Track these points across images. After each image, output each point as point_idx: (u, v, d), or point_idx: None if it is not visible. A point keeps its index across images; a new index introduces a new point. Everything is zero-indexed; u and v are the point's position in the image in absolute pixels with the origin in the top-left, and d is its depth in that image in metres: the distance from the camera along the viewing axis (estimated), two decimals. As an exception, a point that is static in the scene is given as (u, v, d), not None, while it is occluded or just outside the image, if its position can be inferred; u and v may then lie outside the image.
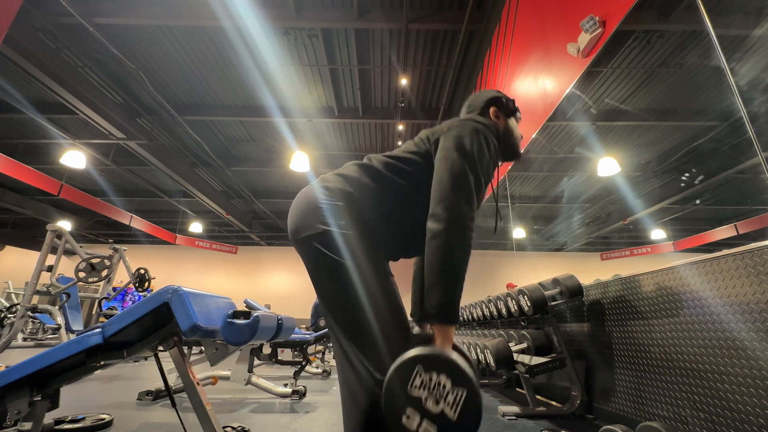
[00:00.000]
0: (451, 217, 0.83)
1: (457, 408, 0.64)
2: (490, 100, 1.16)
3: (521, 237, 11.60)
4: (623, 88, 5.21)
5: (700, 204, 8.77)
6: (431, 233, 0.84)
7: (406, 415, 0.66)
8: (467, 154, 0.90)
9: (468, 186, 0.87)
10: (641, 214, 8.88)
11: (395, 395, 0.67)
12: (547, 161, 7.29)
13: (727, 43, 4.20)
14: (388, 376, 0.69)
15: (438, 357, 0.68)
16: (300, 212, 0.95)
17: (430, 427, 0.64)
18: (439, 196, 0.86)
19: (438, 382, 0.66)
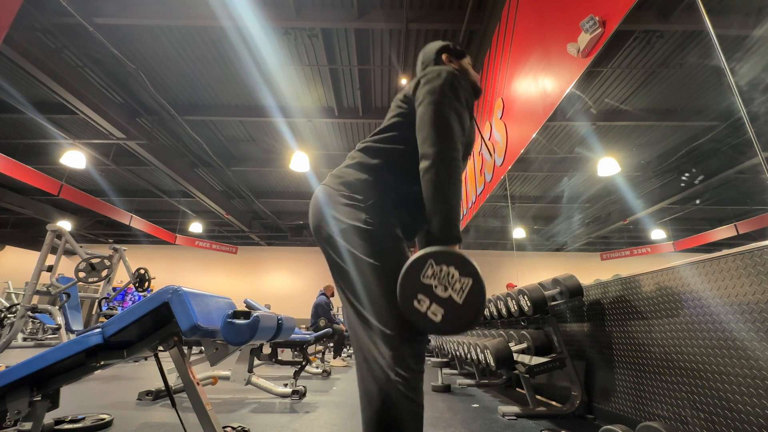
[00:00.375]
0: (437, 151, 0.89)
1: (462, 294, 0.72)
2: (439, 50, 1.26)
3: (521, 237, 11.60)
4: (623, 88, 5.21)
5: (700, 204, 8.77)
6: (422, 171, 0.90)
7: (417, 299, 0.74)
8: (441, 92, 0.96)
9: (446, 120, 0.93)
10: (641, 214, 8.89)
11: (409, 283, 0.75)
12: (547, 161, 7.29)
13: (727, 43, 4.20)
14: (404, 269, 0.77)
15: (448, 252, 0.75)
16: (315, 211, 1.00)
17: (437, 309, 0.72)
18: (423, 138, 0.93)
19: (447, 272, 0.73)
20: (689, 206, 8.94)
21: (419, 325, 0.74)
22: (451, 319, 0.72)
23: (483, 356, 2.35)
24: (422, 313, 0.73)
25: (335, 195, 0.98)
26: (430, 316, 0.73)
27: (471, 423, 2.06)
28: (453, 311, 0.72)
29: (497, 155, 3.58)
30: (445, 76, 0.99)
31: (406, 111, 1.05)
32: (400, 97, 1.09)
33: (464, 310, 0.72)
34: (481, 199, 4.26)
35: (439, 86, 0.97)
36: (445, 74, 1.00)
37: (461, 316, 0.72)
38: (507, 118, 3.34)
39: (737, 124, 5.64)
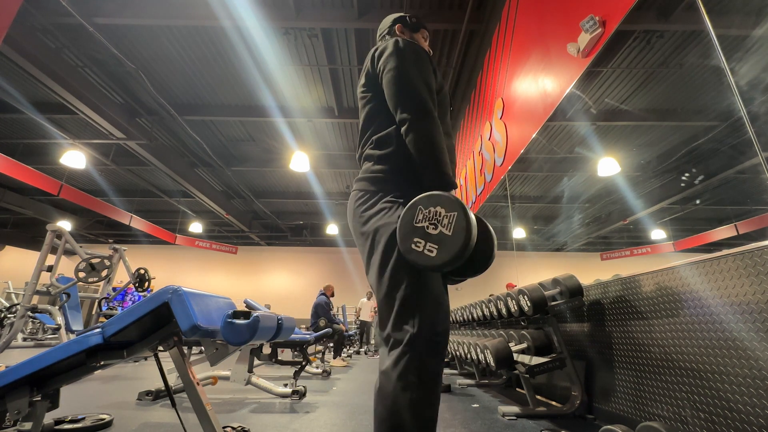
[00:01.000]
0: (409, 112, 0.94)
1: (451, 226, 0.79)
2: (395, 20, 1.32)
3: (521, 237, 11.60)
4: (623, 88, 5.21)
5: (700, 204, 8.77)
6: (404, 134, 0.95)
7: (414, 243, 0.81)
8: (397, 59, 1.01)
9: (409, 81, 0.98)
10: (641, 214, 8.89)
11: (405, 230, 0.83)
12: (547, 161, 7.29)
13: (727, 43, 4.20)
14: (399, 220, 0.86)
15: (432, 194, 0.83)
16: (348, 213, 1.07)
17: (432, 246, 0.80)
18: (395, 106, 0.99)
19: (435, 212, 0.81)
20: (689, 206, 8.94)
21: (420, 263, 0.81)
22: (445, 251, 0.78)
23: (483, 356, 2.35)
24: (420, 252, 0.80)
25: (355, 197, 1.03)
26: (426, 253, 0.80)
27: (471, 423, 2.06)
28: (445, 243, 0.78)
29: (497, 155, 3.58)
30: (392, 44, 1.04)
31: (373, 94, 1.08)
32: (362, 82, 1.12)
33: (455, 239, 0.78)
34: (481, 199, 4.26)
35: (394, 53, 1.02)
36: (391, 43, 1.05)
37: (453, 245, 0.78)
38: (507, 118, 3.34)
39: (737, 124, 5.64)
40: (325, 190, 9.17)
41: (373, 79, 1.08)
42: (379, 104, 1.06)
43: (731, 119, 5.60)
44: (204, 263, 13.35)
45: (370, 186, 1.00)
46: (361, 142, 1.10)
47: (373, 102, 1.08)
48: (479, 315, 3.43)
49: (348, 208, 1.06)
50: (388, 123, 1.04)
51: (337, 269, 13.21)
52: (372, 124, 1.07)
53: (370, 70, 1.09)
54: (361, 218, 0.99)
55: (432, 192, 0.84)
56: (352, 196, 1.05)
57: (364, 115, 1.10)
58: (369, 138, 1.07)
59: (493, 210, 10.28)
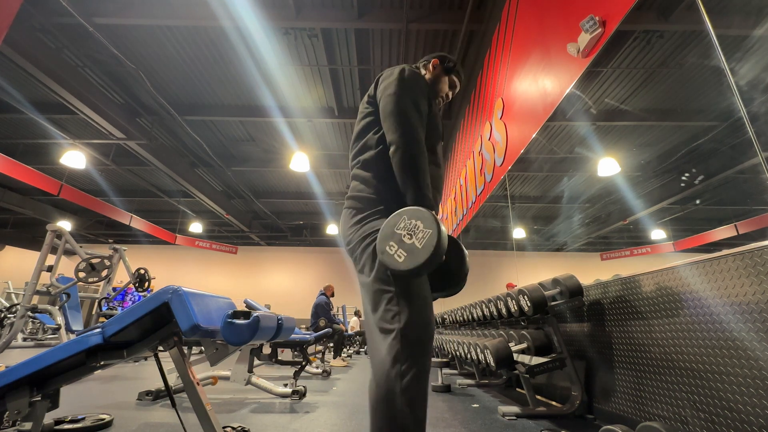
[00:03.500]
0: (399, 135, 1.02)
1: (423, 241, 0.87)
2: (437, 55, 1.35)
3: (521, 237, 11.60)
4: (623, 88, 5.21)
5: (700, 204, 8.77)
6: (391, 155, 1.03)
7: (389, 245, 0.90)
8: (396, 86, 1.08)
9: (405, 107, 1.05)
10: (641, 214, 8.89)
11: (386, 232, 0.92)
12: (547, 161, 7.29)
13: (727, 43, 4.20)
14: (385, 222, 0.94)
15: (418, 210, 0.91)
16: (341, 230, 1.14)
17: (402, 252, 0.88)
18: (387, 127, 1.06)
19: (415, 225, 0.89)
20: (689, 206, 8.94)
21: (388, 263, 0.89)
22: (410, 260, 0.87)
23: (483, 356, 2.35)
24: (391, 255, 0.89)
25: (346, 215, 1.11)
26: (396, 257, 0.88)
27: (471, 423, 2.06)
28: (413, 254, 0.87)
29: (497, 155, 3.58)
30: (398, 71, 1.12)
31: (371, 111, 1.15)
32: (365, 100, 1.20)
33: (421, 253, 0.86)
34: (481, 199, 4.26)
35: (394, 81, 1.09)
36: (398, 70, 1.12)
37: (419, 257, 0.86)
38: (507, 118, 3.34)
39: (737, 124, 5.64)
40: (325, 190, 9.18)
41: (373, 98, 1.16)
42: (372, 122, 1.14)
43: (731, 119, 5.60)
44: (204, 263, 13.35)
45: (358, 204, 1.08)
46: (352, 154, 1.18)
47: (369, 118, 1.15)
48: (479, 315, 3.43)
49: (341, 224, 1.15)
50: (376, 140, 1.11)
51: (337, 269, 13.21)
52: (362, 138, 1.15)
53: (373, 90, 1.17)
54: (350, 231, 1.07)
55: (419, 207, 0.92)
56: (344, 213, 1.13)
57: (357, 128, 1.18)
58: (357, 154, 1.15)
59: (493, 210, 10.28)
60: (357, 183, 1.12)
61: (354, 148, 1.18)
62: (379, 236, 0.92)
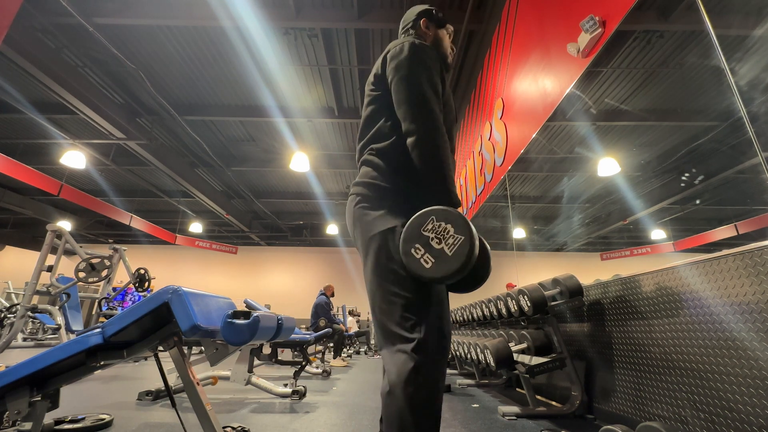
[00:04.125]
0: (419, 125, 0.92)
1: (453, 248, 0.81)
2: (420, 13, 1.24)
3: (521, 237, 11.60)
4: (623, 88, 5.21)
5: (700, 204, 8.77)
6: (410, 147, 0.93)
7: (415, 248, 0.84)
8: (409, 67, 0.98)
9: (421, 92, 0.95)
10: (641, 214, 8.89)
11: (411, 233, 0.85)
12: (547, 161, 7.29)
13: (727, 43, 4.20)
14: (409, 222, 0.86)
15: (448, 211, 0.84)
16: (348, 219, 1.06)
17: (429, 258, 0.82)
18: (403, 115, 0.96)
19: (444, 228, 0.82)
20: (689, 206, 8.93)
21: (412, 268, 0.83)
22: (438, 268, 0.81)
23: (483, 356, 2.35)
24: (417, 259, 0.83)
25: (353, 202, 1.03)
26: (422, 262, 0.82)
27: (471, 423, 2.06)
28: (441, 261, 0.81)
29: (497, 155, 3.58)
30: (408, 47, 1.01)
31: (380, 94, 1.06)
32: (370, 80, 1.10)
33: (451, 262, 0.80)
34: (481, 199, 4.26)
35: (405, 59, 0.99)
36: (407, 46, 1.01)
37: (448, 266, 0.80)
38: (507, 118, 3.34)
39: (737, 124, 5.64)
40: (325, 190, 9.18)
41: (381, 79, 1.06)
42: (383, 107, 1.04)
43: (731, 119, 5.60)
44: (204, 263, 13.35)
45: (368, 191, 1.00)
46: (362, 143, 1.09)
47: (378, 103, 1.06)
48: (479, 315, 3.43)
49: (347, 211, 1.06)
50: (389, 128, 1.03)
51: (337, 269, 13.21)
52: (373, 124, 1.06)
53: (380, 70, 1.07)
54: (361, 221, 0.99)
55: (449, 208, 0.84)
56: (351, 200, 1.04)
57: (366, 114, 1.08)
58: (369, 142, 1.06)
59: (493, 210, 10.27)
60: (369, 169, 1.03)
61: (364, 136, 1.08)
62: (403, 235, 0.85)
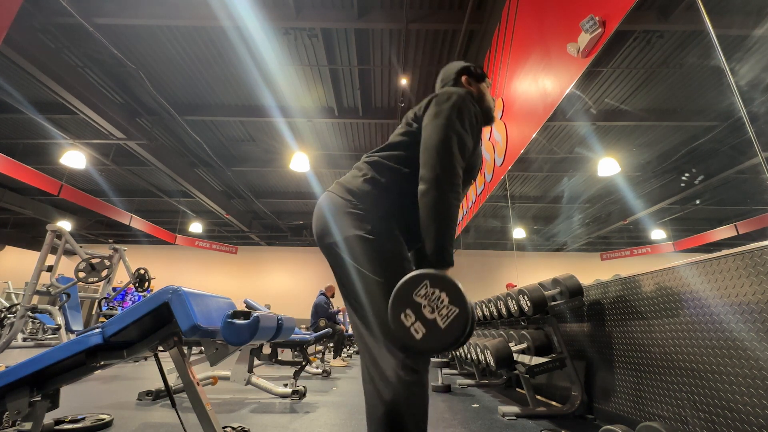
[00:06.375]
0: (436, 175, 0.90)
1: (447, 320, 0.75)
2: (459, 71, 1.24)
3: (521, 237, 11.60)
4: (623, 88, 5.21)
5: (700, 204, 8.77)
6: (420, 194, 0.91)
7: (405, 313, 0.77)
8: (447, 117, 0.96)
9: (450, 146, 0.93)
10: (641, 214, 8.89)
11: (401, 297, 0.79)
12: (547, 161, 7.29)
13: (727, 43, 4.20)
14: (400, 282, 0.80)
15: (444, 278, 0.78)
16: (321, 219, 1.01)
17: (420, 327, 0.76)
18: (424, 161, 0.93)
19: (438, 296, 0.77)
20: (689, 206, 8.94)
21: (400, 337, 0.77)
22: (429, 340, 0.75)
23: (483, 356, 2.35)
24: (406, 327, 0.77)
25: (340, 203, 0.98)
26: (412, 331, 0.76)
27: (471, 423, 2.06)
28: (433, 333, 0.75)
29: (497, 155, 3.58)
30: (455, 99, 0.99)
31: (414, 130, 1.05)
32: (410, 115, 1.09)
33: (443, 336, 0.75)
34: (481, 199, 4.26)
35: (447, 109, 0.97)
36: (455, 98, 0.99)
37: (439, 340, 0.75)
38: (507, 118, 3.34)
39: (737, 124, 5.64)
40: (325, 190, 9.17)
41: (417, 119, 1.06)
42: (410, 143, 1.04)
43: (731, 119, 5.60)
44: (204, 263, 13.35)
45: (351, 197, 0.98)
46: (376, 153, 1.08)
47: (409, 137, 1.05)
48: (479, 315, 3.43)
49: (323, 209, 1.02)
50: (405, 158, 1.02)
51: (337, 269, 13.18)
52: (393, 148, 1.05)
53: (422, 110, 1.05)
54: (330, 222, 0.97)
55: (445, 274, 0.79)
56: (330, 197, 1.01)
57: (393, 137, 1.08)
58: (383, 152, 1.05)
59: (493, 210, 10.28)
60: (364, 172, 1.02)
61: (382, 149, 1.08)
62: (393, 297, 0.79)
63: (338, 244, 0.95)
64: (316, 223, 1.02)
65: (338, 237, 0.95)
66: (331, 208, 0.99)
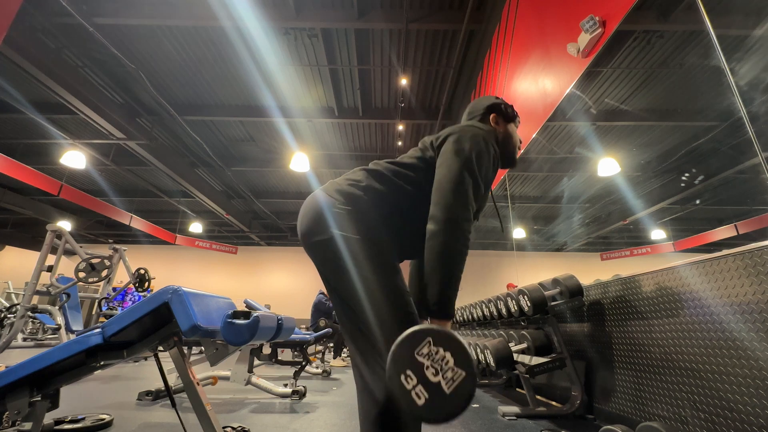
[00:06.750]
0: (448, 219, 0.87)
1: (452, 384, 0.68)
2: (489, 107, 1.20)
3: (521, 237, 11.60)
4: (623, 88, 5.21)
5: (700, 204, 8.77)
6: (429, 234, 0.88)
7: (406, 375, 0.70)
8: (466, 159, 0.94)
9: (465, 189, 0.91)
10: (641, 214, 8.89)
11: (402, 355, 0.72)
12: (547, 161, 7.29)
13: (727, 43, 4.20)
14: (400, 338, 0.73)
15: (449, 336, 0.71)
16: (310, 216, 0.97)
17: (422, 392, 0.69)
18: (437, 199, 0.91)
19: (443, 357, 0.70)
20: (689, 206, 8.93)
21: (400, 400, 0.71)
22: (433, 407, 0.68)
23: (483, 356, 2.35)
24: (407, 390, 0.70)
25: (332, 203, 0.95)
26: (413, 396, 0.69)
27: (471, 423, 2.06)
28: (437, 399, 0.68)
29: (497, 155, 3.57)
30: (476, 142, 0.97)
31: (427, 157, 1.02)
32: (427, 141, 1.06)
33: (449, 402, 0.68)
34: (481, 199, 4.26)
35: (468, 150, 0.95)
36: (477, 141, 0.97)
37: (444, 407, 0.68)
38: (507, 118, 3.34)
39: (737, 124, 5.64)
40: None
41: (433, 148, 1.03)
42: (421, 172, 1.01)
43: (731, 119, 5.60)
44: (204, 263, 13.34)
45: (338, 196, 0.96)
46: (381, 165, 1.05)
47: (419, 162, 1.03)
48: (479, 315, 3.43)
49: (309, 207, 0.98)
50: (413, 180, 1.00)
51: (337, 269, 13.18)
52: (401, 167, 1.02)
53: (436, 141, 1.03)
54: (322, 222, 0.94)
55: (450, 332, 0.72)
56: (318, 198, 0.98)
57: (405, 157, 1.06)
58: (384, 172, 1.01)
59: (493, 210, 10.27)
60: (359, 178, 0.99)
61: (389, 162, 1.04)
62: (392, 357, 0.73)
63: (323, 243, 0.92)
64: (301, 221, 0.99)
65: (323, 236, 0.92)
66: (317, 207, 0.96)
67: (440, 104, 5.58)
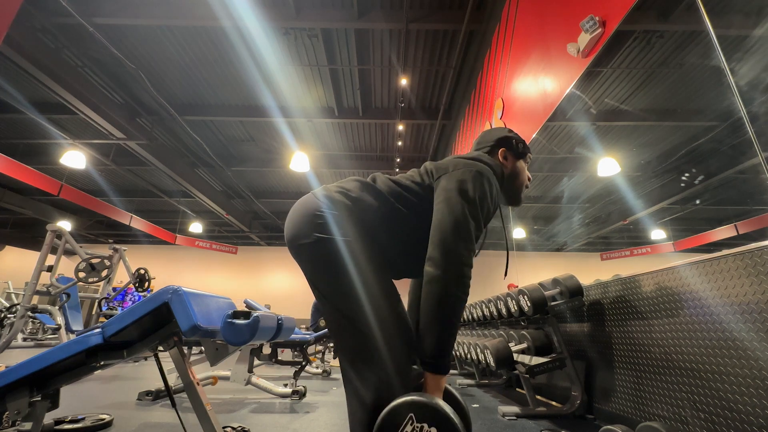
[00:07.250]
0: (450, 264, 0.84)
1: None
2: (500, 140, 1.17)
3: (521, 237, 11.60)
4: (623, 88, 5.21)
5: (700, 204, 8.77)
6: (429, 277, 0.85)
7: None
8: (469, 200, 0.90)
9: (468, 233, 0.87)
10: (641, 214, 8.89)
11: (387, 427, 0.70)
12: (547, 161, 7.29)
13: (727, 43, 4.20)
14: (381, 417, 0.71)
15: (435, 410, 0.68)
16: (297, 219, 0.95)
17: None
18: (439, 240, 0.87)
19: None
20: (689, 206, 8.94)
21: None
22: None
23: (483, 356, 2.35)
24: None
25: (317, 206, 0.93)
26: None
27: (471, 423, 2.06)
28: None
29: (497, 155, 3.57)
30: (480, 183, 0.93)
31: (426, 185, 0.99)
32: (431, 167, 1.02)
33: None
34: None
35: (472, 191, 0.91)
36: (481, 181, 0.94)
37: None
38: (507, 118, 3.34)
39: (737, 124, 5.64)
40: (324, 190, 9.17)
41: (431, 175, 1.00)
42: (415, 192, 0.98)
43: (731, 119, 5.60)
44: (204, 263, 13.34)
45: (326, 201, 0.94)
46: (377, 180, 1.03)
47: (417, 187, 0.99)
48: (479, 315, 3.43)
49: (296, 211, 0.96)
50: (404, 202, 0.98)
51: (337, 269, 13.18)
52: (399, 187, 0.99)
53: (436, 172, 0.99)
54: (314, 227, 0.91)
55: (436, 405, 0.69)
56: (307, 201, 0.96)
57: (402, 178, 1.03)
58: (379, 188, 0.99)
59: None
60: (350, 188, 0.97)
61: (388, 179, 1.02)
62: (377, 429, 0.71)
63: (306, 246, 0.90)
64: (287, 226, 0.97)
65: (306, 240, 0.90)
66: (302, 211, 0.94)
67: (440, 104, 5.58)
